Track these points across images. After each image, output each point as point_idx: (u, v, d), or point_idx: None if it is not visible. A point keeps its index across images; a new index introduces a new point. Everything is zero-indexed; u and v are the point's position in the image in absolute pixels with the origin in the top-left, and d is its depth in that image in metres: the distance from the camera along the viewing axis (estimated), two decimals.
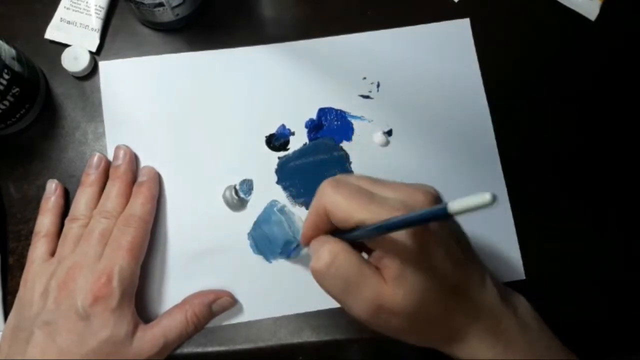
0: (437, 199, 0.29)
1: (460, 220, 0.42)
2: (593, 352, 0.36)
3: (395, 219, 0.25)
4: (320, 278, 0.29)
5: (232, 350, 0.39)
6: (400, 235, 0.27)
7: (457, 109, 0.44)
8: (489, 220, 0.41)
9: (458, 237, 0.30)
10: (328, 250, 0.28)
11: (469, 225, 0.41)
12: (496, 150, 0.43)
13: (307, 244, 0.31)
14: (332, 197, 0.28)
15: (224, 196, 0.40)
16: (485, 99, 0.44)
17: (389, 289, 0.27)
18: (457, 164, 0.42)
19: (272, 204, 0.40)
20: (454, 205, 0.21)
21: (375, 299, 0.27)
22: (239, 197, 0.40)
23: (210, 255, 0.40)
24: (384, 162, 0.42)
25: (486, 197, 0.19)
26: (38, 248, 0.37)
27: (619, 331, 0.41)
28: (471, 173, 0.42)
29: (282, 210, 0.39)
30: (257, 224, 0.40)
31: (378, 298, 0.27)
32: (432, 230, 0.28)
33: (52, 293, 0.34)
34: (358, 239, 0.28)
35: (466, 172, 0.42)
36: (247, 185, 0.41)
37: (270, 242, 0.39)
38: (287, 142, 0.42)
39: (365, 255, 0.30)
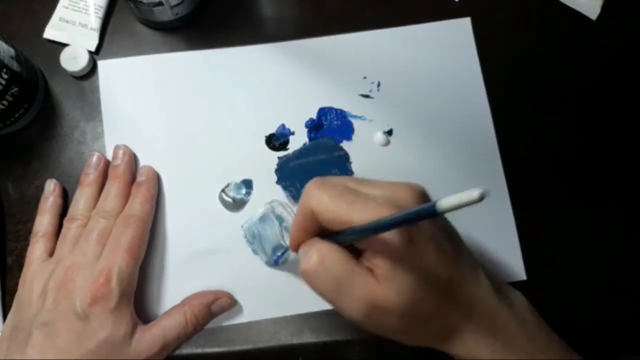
0: (423, 195, 0.28)
1: (461, 219, 0.42)
2: (593, 353, 0.35)
3: (383, 219, 0.25)
4: (310, 279, 0.28)
5: (231, 351, 0.38)
6: (390, 235, 0.26)
7: (458, 109, 0.43)
8: (490, 220, 0.41)
9: (448, 232, 0.30)
10: (316, 251, 0.28)
11: (470, 226, 0.41)
12: (497, 149, 0.43)
13: (296, 247, 0.30)
14: (317, 197, 0.28)
15: (220, 197, 0.40)
16: (486, 98, 0.44)
17: (381, 288, 0.27)
18: (457, 164, 0.42)
19: (273, 205, 0.40)
20: (443, 204, 0.20)
21: (367, 298, 0.27)
22: (233, 199, 0.40)
23: (209, 255, 0.39)
24: (384, 162, 0.42)
25: (474, 194, 0.19)
26: (36, 248, 0.37)
27: (620, 332, 0.41)
28: (472, 173, 0.42)
29: (279, 217, 0.39)
30: (253, 220, 0.40)
31: (370, 297, 0.27)
32: (421, 227, 0.28)
33: (50, 293, 0.34)
34: (347, 241, 0.28)
35: (467, 172, 0.42)
36: (247, 185, 0.41)
37: (261, 242, 0.39)
38: (287, 142, 0.42)
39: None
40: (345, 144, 0.42)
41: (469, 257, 0.31)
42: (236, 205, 0.40)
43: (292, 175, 0.41)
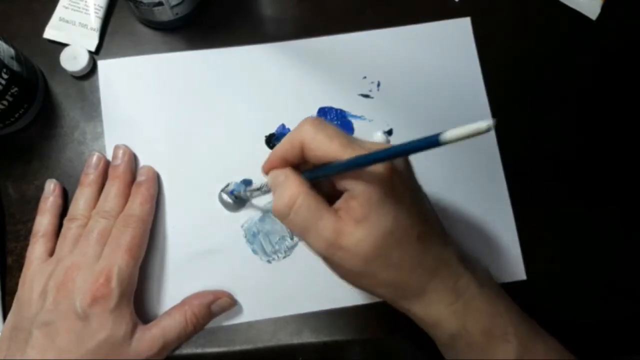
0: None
1: (461, 219, 0.42)
2: (593, 353, 0.35)
3: (379, 150, 0.25)
4: (281, 218, 0.29)
5: (231, 351, 0.39)
6: (371, 176, 0.27)
7: (458, 109, 0.43)
8: (490, 220, 0.41)
9: (426, 200, 0.31)
10: (289, 192, 0.28)
11: (470, 226, 0.41)
12: (497, 149, 0.43)
13: (268, 171, 0.31)
14: (312, 133, 0.28)
15: (220, 197, 0.40)
16: (486, 98, 0.44)
17: (348, 228, 0.28)
18: (457, 164, 0.42)
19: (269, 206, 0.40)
20: (448, 134, 0.20)
21: (332, 236, 0.28)
22: (232, 199, 0.40)
23: (209, 255, 0.39)
24: None
25: (482, 125, 0.19)
26: (36, 248, 0.37)
27: (620, 332, 0.41)
28: (472, 172, 0.42)
29: None
30: (253, 220, 0.40)
31: (335, 236, 0.28)
32: (401, 178, 0.28)
33: (50, 293, 0.34)
34: (325, 175, 0.29)
35: (467, 172, 0.42)
36: (246, 185, 0.41)
37: (268, 236, 0.39)
38: None
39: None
40: None
41: (439, 221, 0.32)
42: (236, 205, 0.40)
43: None
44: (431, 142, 0.21)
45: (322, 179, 0.30)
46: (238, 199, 0.40)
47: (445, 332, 0.31)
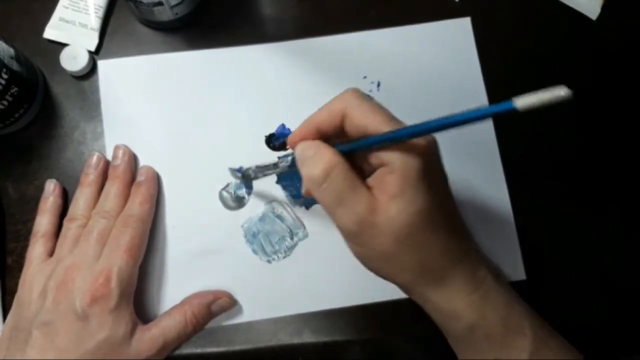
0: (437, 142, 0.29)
1: (463, 218, 0.42)
2: (593, 353, 0.35)
3: (424, 122, 0.25)
4: (314, 187, 0.28)
5: (231, 351, 0.39)
6: (411, 152, 0.27)
7: (458, 109, 0.43)
8: (490, 220, 0.41)
9: (451, 190, 0.31)
10: (326, 160, 0.27)
11: (470, 225, 0.41)
12: (497, 149, 0.43)
13: (296, 142, 0.30)
14: (355, 103, 0.28)
15: (220, 196, 0.40)
16: (486, 98, 0.44)
17: (382, 205, 0.27)
18: (457, 164, 0.42)
19: (273, 205, 0.40)
20: (521, 101, 0.20)
21: (365, 212, 0.27)
22: (232, 197, 0.40)
23: (209, 255, 0.39)
24: None
25: (560, 92, 0.19)
26: (36, 248, 0.37)
27: (620, 332, 0.41)
28: (472, 172, 0.42)
29: (279, 217, 0.40)
30: (253, 220, 0.40)
31: (368, 212, 0.27)
32: (436, 161, 0.28)
33: (50, 293, 0.34)
34: (366, 147, 0.28)
35: (467, 172, 0.42)
36: (246, 185, 0.41)
37: (268, 237, 0.39)
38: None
39: None
40: None
41: (459, 212, 0.32)
42: (236, 205, 0.40)
43: (292, 176, 0.41)
44: (504, 108, 0.21)
45: (356, 155, 0.29)
46: (238, 198, 0.40)
47: (463, 323, 0.30)
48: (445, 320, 0.31)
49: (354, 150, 0.28)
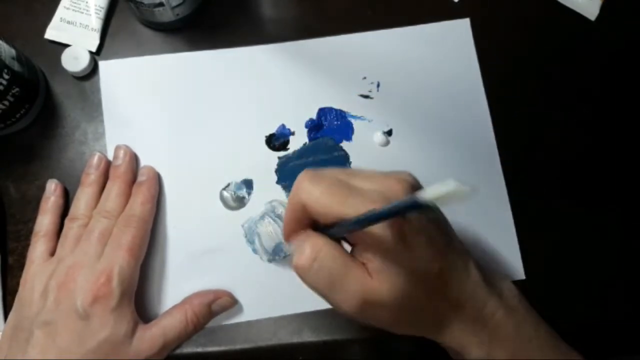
0: (413, 186, 0.28)
1: (460, 219, 0.42)
2: (593, 353, 0.35)
3: (369, 213, 0.25)
4: (304, 274, 0.28)
5: (232, 350, 0.39)
6: (380, 229, 0.26)
7: (457, 109, 0.43)
8: (489, 220, 0.42)
9: (439, 224, 0.30)
10: (310, 245, 0.28)
11: (469, 225, 0.41)
12: (496, 149, 0.43)
13: (289, 239, 0.30)
14: (308, 191, 0.27)
15: (220, 196, 0.40)
16: (485, 98, 0.44)
17: (374, 283, 0.27)
18: (457, 164, 0.42)
19: (273, 205, 0.40)
20: (423, 195, 0.20)
21: (361, 292, 0.27)
22: (233, 197, 0.40)
23: (210, 255, 0.40)
24: (384, 162, 0.42)
25: (450, 184, 0.19)
26: (37, 248, 0.37)
27: (620, 332, 0.41)
28: (471, 173, 0.42)
29: (280, 216, 0.39)
30: (253, 220, 0.40)
31: (364, 292, 0.27)
32: (412, 220, 0.27)
33: (51, 293, 0.34)
34: (338, 234, 0.28)
35: (466, 172, 0.42)
36: (247, 185, 0.41)
37: (261, 240, 0.39)
38: (287, 142, 0.42)
39: (347, 248, 0.30)
40: (345, 144, 0.42)
41: (460, 247, 0.31)
42: (236, 205, 0.40)
43: (292, 175, 0.41)
44: (412, 205, 0.21)
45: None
46: (238, 197, 0.40)
47: (471, 357, 0.31)
48: (454, 355, 0.32)
49: (333, 235, 0.28)
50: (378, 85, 0.43)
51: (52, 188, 0.39)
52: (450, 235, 0.31)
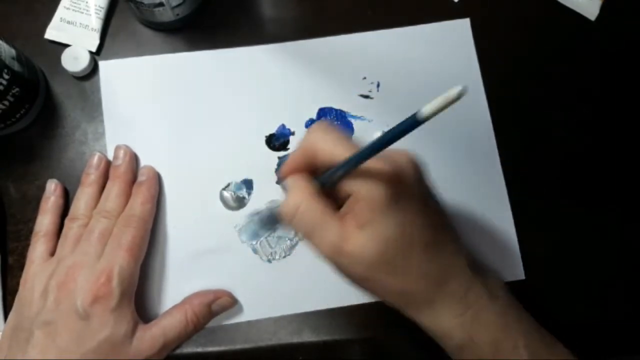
0: (416, 162, 0.29)
1: (460, 218, 0.42)
2: (593, 353, 0.36)
3: (370, 143, 0.25)
4: (287, 219, 0.29)
5: (232, 350, 0.39)
6: (376, 180, 0.27)
7: (457, 109, 0.43)
8: (488, 220, 0.42)
9: (432, 200, 0.31)
10: (293, 198, 0.29)
11: (469, 225, 0.41)
12: (496, 149, 0.43)
13: (284, 176, 0.31)
14: (321, 136, 0.29)
15: (221, 197, 0.40)
16: (485, 98, 0.44)
17: (353, 234, 0.28)
18: (457, 164, 0.42)
19: (273, 205, 0.40)
20: (424, 111, 0.21)
21: (337, 242, 0.28)
22: (233, 197, 0.40)
23: (210, 255, 0.40)
24: None
25: (453, 92, 0.20)
26: (37, 248, 0.37)
27: (620, 332, 0.41)
28: (471, 173, 0.42)
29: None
30: (254, 220, 0.40)
31: (340, 241, 0.28)
32: (409, 184, 0.28)
33: (51, 293, 0.34)
34: (334, 178, 0.29)
35: (466, 172, 0.42)
36: (247, 185, 0.41)
37: (266, 237, 0.39)
38: (287, 142, 0.42)
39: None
40: None
41: (451, 228, 0.32)
42: (236, 205, 0.40)
43: None
44: (412, 123, 0.23)
45: (333, 185, 0.29)
46: (238, 197, 0.40)
47: (453, 342, 0.31)
48: (437, 338, 0.32)
49: (325, 183, 0.29)
50: (378, 85, 0.43)
51: (52, 188, 0.39)
52: (441, 214, 0.31)
